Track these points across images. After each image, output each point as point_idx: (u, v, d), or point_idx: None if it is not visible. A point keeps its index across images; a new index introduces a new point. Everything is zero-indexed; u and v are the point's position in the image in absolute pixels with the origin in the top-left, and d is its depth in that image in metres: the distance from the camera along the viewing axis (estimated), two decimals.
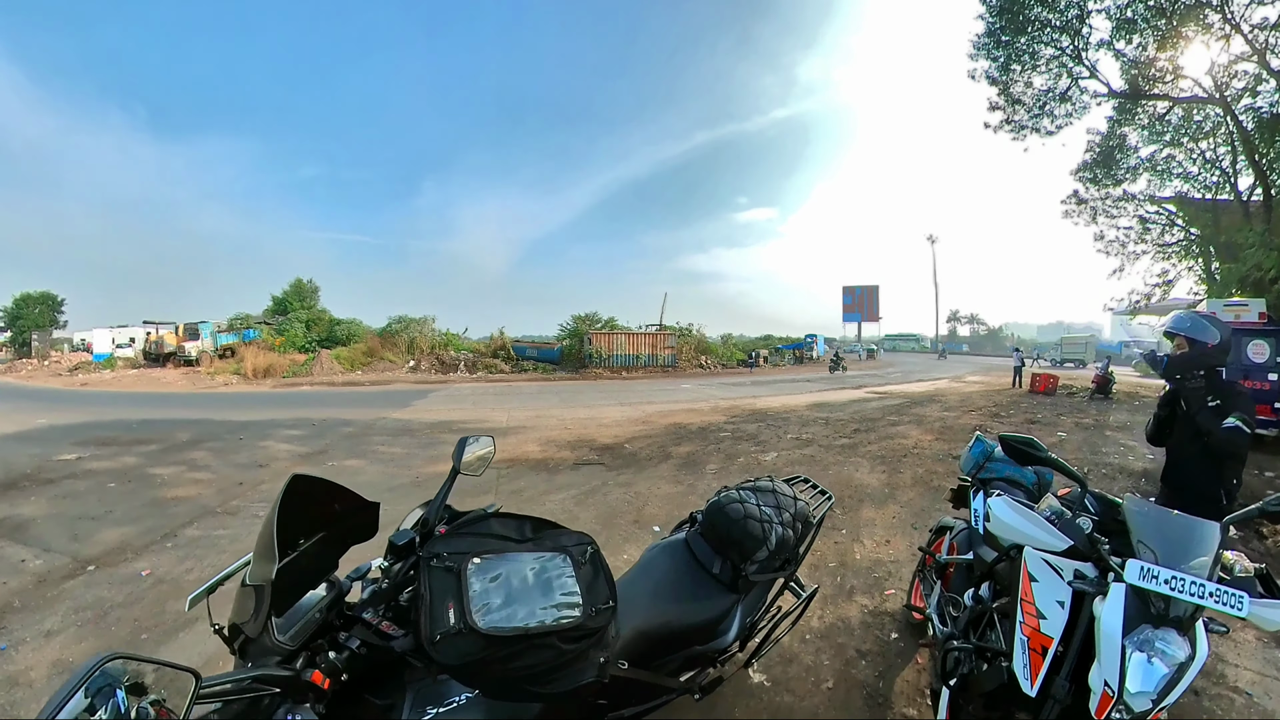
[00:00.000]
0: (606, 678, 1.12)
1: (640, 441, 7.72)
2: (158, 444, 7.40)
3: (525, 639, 0.96)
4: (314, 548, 1.18)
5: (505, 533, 1.17)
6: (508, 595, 1.01)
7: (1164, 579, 1.39)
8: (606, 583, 1.15)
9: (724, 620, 1.64)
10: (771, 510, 1.76)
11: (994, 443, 2.60)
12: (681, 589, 1.64)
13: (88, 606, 3.02)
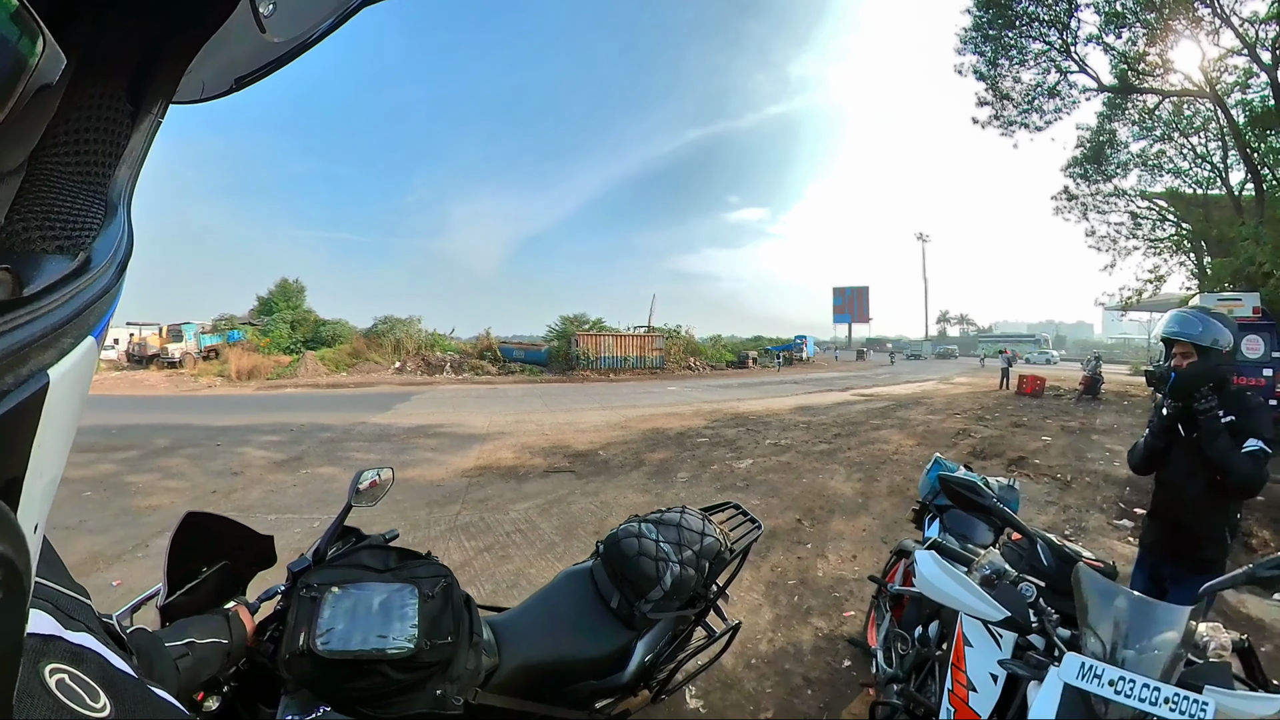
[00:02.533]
0: (454, 709, 1.18)
1: (615, 448, 7.84)
2: (136, 450, 7.42)
3: (355, 665, 1.06)
4: (216, 575, 1.27)
5: (371, 563, 1.26)
6: (349, 622, 1.10)
7: (1108, 679, 1.16)
8: (454, 617, 1.22)
9: (620, 657, 1.63)
10: (670, 547, 1.70)
11: (953, 465, 2.51)
12: (579, 621, 1.65)
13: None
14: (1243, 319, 8.50)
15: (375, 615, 1.13)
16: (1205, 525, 2.10)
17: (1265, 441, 1.89)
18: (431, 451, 7.58)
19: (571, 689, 1.58)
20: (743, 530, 2.05)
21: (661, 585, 1.63)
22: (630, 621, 1.65)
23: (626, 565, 1.67)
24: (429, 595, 1.19)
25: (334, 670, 1.06)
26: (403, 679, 1.10)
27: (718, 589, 1.92)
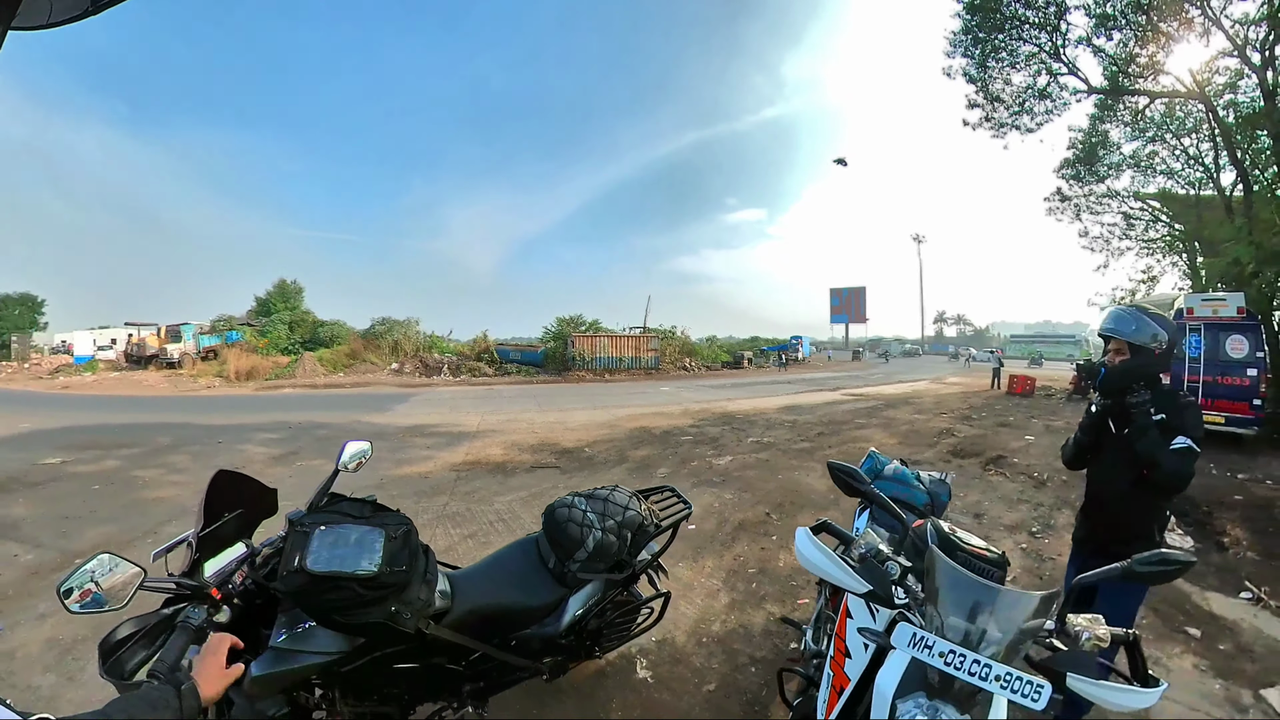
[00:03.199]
0: (405, 625, 1.52)
1: (601, 445, 8.14)
2: (139, 448, 7.73)
3: (333, 579, 1.39)
4: (235, 520, 1.66)
5: (351, 512, 1.59)
6: (331, 550, 1.44)
7: (938, 651, 1.22)
8: (410, 555, 1.54)
9: (554, 609, 1.95)
10: (595, 517, 2.00)
11: (886, 459, 2.64)
12: (522, 577, 1.97)
13: None
14: (1228, 319, 8.65)
15: (350, 547, 1.46)
16: (1133, 520, 2.10)
17: (1194, 440, 1.91)
18: (425, 449, 7.88)
19: (519, 638, 1.92)
20: (669, 511, 2.34)
21: (585, 548, 1.94)
22: (563, 580, 1.98)
23: (558, 530, 2.00)
24: (393, 537, 1.52)
25: (317, 584, 1.39)
26: (366, 594, 1.43)
27: (649, 559, 2.23)
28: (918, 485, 2.39)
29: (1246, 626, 3.23)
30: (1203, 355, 8.71)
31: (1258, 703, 2.59)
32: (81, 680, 2.62)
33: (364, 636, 1.54)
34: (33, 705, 2.32)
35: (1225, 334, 8.48)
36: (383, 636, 1.56)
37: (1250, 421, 8.13)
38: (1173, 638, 3.13)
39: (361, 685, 1.69)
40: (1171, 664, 2.88)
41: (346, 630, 1.50)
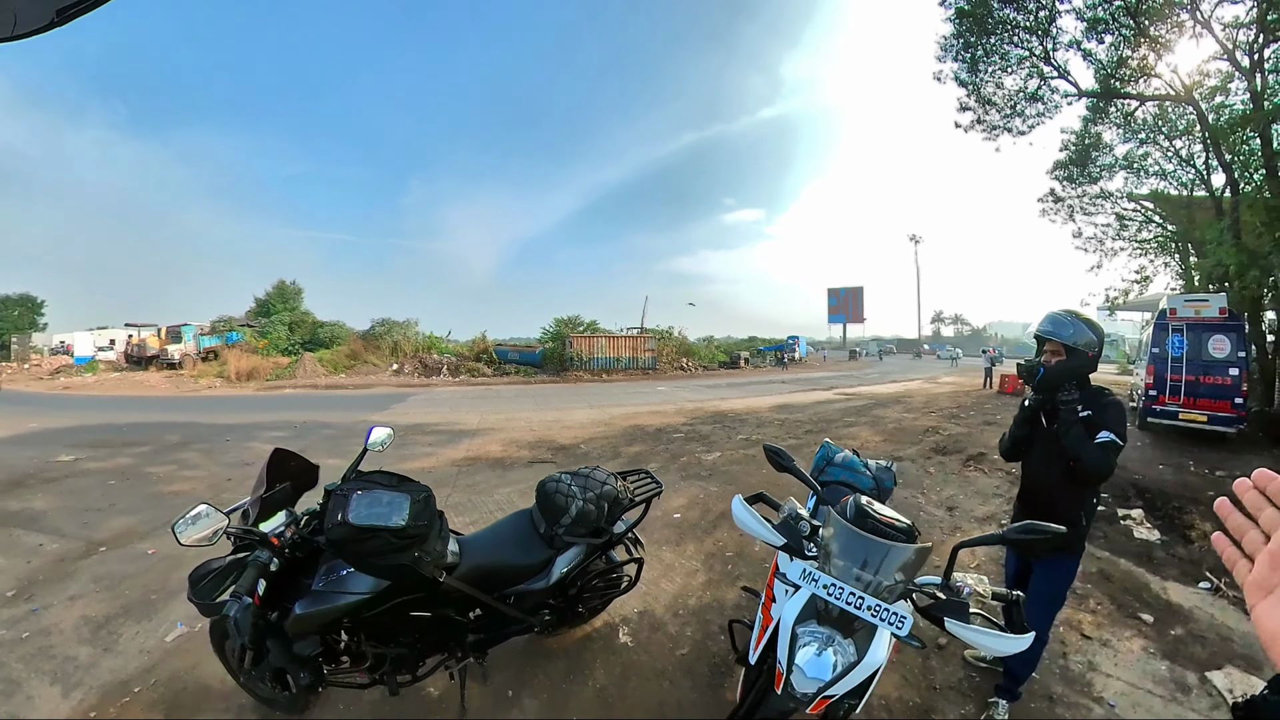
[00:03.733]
0: (425, 568, 1.84)
1: (596, 442, 8.42)
2: (149, 446, 7.99)
3: (371, 530, 1.70)
4: (283, 490, 2.04)
5: (381, 481, 1.89)
6: (368, 508, 1.74)
7: (823, 584, 1.51)
8: (429, 515, 1.86)
9: (544, 567, 2.28)
10: (578, 489, 2.35)
11: (838, 448, 2.85)
12: (516, 540, 2.33)
13: (103, 578, 3.68)
14: (1210, 319, 8.66)
15: (384, 506, 1.77)
16: (1061, 508, 2.22)
17: (1116, 435, 2.06)
18: (426, 446, 8.15)
19: (515, 593, 2.23)
20: (649, 488, 2.69)
21: (569, 514, 2.28)
22: (552, 543, 2.31)
23: (547, 500, 2.35)
24: (416, 499, 1.83)
25: (358, 534, 1.70)
26: (397, 542, 1.74)
27: (625, 529, 2.56)
28: (864, 471, 2.66)
29: (1201, 614, 3.37)
30: (1185, 355, 8.85)
31: (1202, 684, 2.71)
32: (117, 650, 2.89)
33: (390, 579, 1.84)
34: (71, 675, 2.63)
35: (1208, 334, 8.65)
36: (405, 580, 1.87)
37: (1232, 420, 8.29)
38: (1125, 622, 3.28)
39: (383, 630, 1.99)
40: (1120, 646, 3.02)
41: (377, 573, 1.80)
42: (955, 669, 2.80)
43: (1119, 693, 2.62)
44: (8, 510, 5.00)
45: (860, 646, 1.47)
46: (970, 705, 2.54)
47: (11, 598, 3.42)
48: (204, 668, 2.67)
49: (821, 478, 2.69)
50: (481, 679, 2.55)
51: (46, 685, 2.60)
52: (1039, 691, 2.63)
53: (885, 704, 2.53)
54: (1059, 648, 3.01)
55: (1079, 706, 2.53)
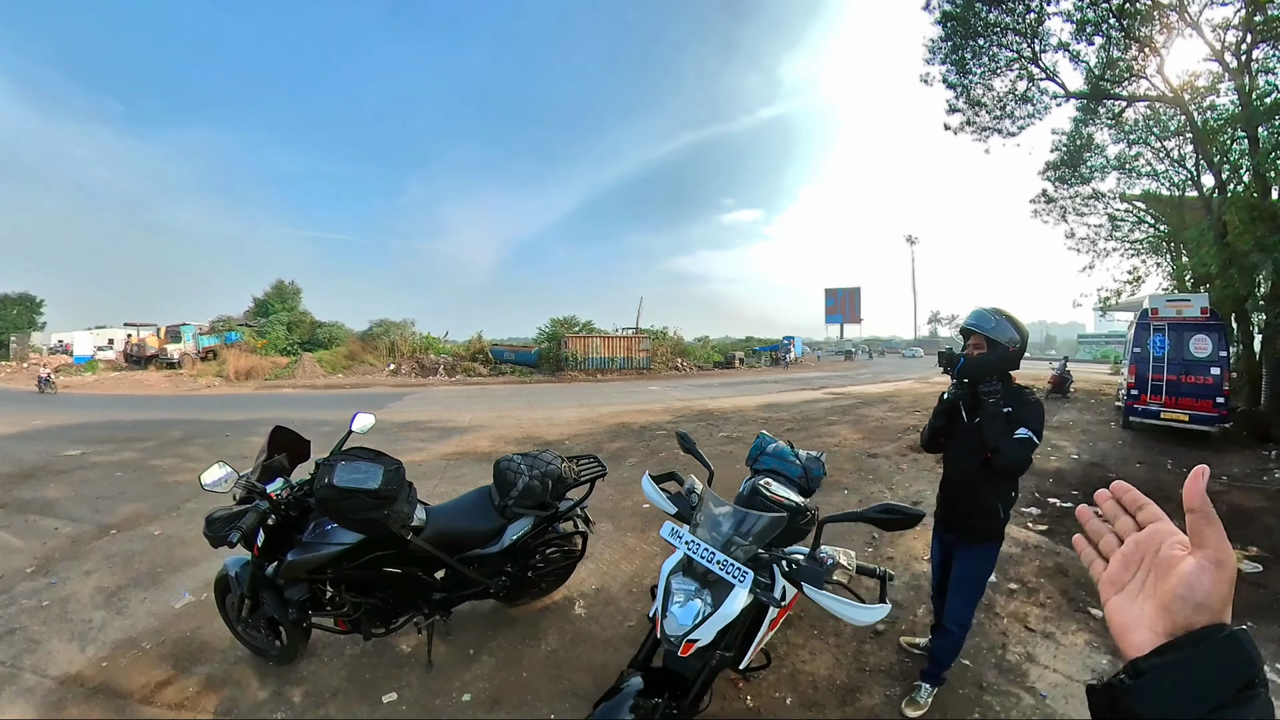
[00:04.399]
0: (395, 525, 2.19)
1: (580, 438, 8.78)
2: (153, 441, 8.33)
3: (350, 491, 2.07)
4: (281, 460, 2.44)
5: (361, 454, 2.25)
6: (349, 475, 2.10)
7: (685, 540, 1.71)
8: (399, 481, 2.21)
9: (496, 534, 2.66)
10: (526, 467, 2.72)
11: (772, 439, 3.10)
12: (474, 511, 2.72)
13: (115, 555, 4.03)
14: (1192, 319, 8.65)
15: (361, 473, 2.14)
16: (979, 499, 2.30)
17: (1034, 432, 2.12)
18: (418, 442, 8.49)
19: (473, 557, 2.59)
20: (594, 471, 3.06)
21: (516, 488, 2.66)
22: (504, 514, 2.69)
23: (499, 476, 2.73)
24: (389, 469, 2.20)
25: (339, 493, 2.06)
26: (370, 501, 2.10)
27: (571, 504, 2.93)
28: (794, 461, 2.94)
29: None
30: (1167, 355, 8.89)
31: None
32: (128, 614, 3.25)
33: (365, 533, 2.21)
34: (87, 634, 2.97)
35: (1189, 334, 8.67)
36: (378, 536, 2.23)
37: (1214, 419, 8.32)
38: (1074, 617, 3.29)
39: (360, 583, 2.38)
40: (1064, 640, 3.03)
41: (354, 527, 2.18)
42: (889, 654, 2.90)
43: (1053, 684, 2.63)
44: (22, 499, 5.35)
45: (717, 598, 1.64)
46: (898, 688, 2.61)
47: (31, 573, 3.77)
48: (206, 629, 3.03)
49: (755, 465, 2.96)
50: (446, 636, 2.89)
51: (65, 642, 2.96)
52: (970, 679, 2.68)
53: (814, 681, 2.66)
54: (999, 639, 3.04)
55: (1008, 695, 2.55)
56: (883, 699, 2.55)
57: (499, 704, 2.48)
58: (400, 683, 2.59)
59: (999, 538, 2.41)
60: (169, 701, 2.49)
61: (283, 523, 2.27)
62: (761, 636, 1.90)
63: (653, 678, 1.79)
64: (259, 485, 2.29)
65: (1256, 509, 5.27)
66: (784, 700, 2.54)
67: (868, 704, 2.53)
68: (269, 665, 2.69)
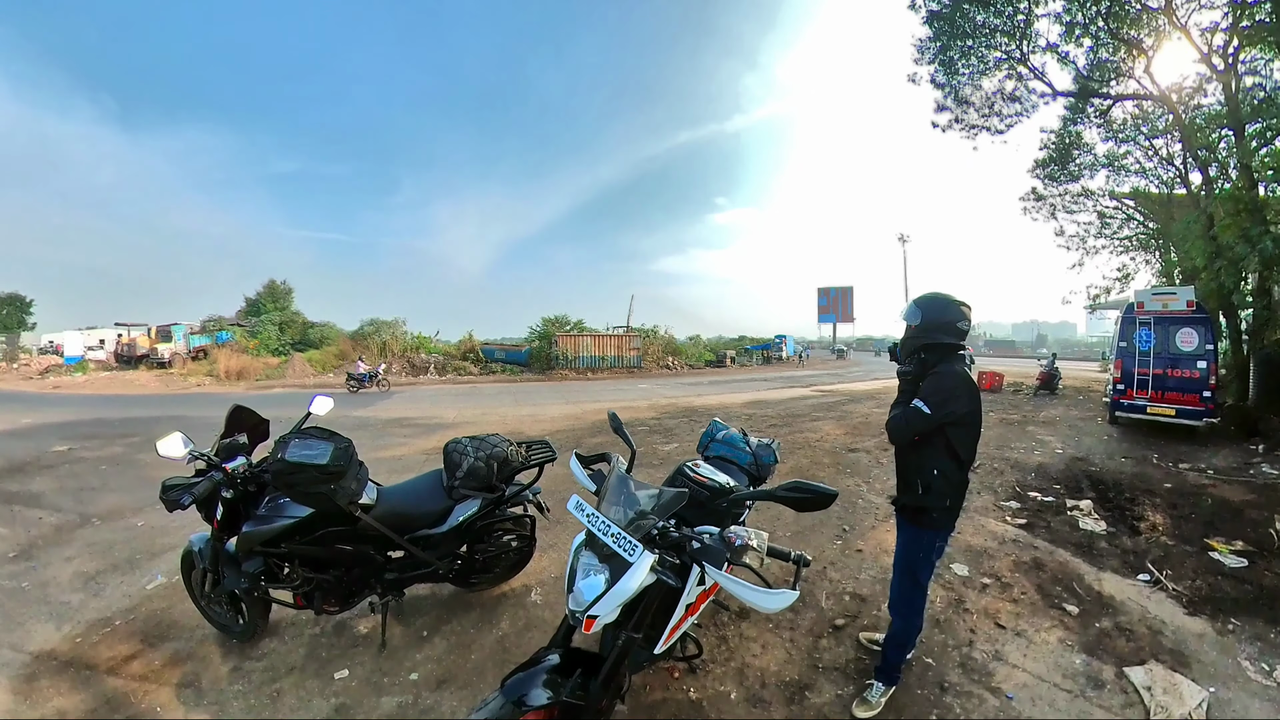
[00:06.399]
0: (345, 507, 2.32)
1: (563, 434, 8.89)
2: (140, 437, 8.43)
3: (299, 465, 2.20)
4: (238, 440, 2.61)
5: (314, 434, 2.37)
6: (300, 451, 2.23)
7: (586, 514, 1.71)
8: (348, 458, 2.33)
9: (443, 515, 2.76)
10: (472, 449, 2.81)
11: (724, 426, 3.13)
12: (424, 492, 2.81)
13: (97, 543, 4.17)
14: (1178, 313, 8.67)
15: (312, 449, 2.27)
16: (905, 470, 2.40)
17: (926, 404, 2.19)
18: (402, 437, 8.62)
19: (421, 537, 2.72)
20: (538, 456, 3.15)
21: (461, 469, 2.77)
22: (451, 495, 2.81)
23: (447, 458, 2.84)
24: (339, 447, 2.33)
25: (290, 468, 2.20)
26: (318, 476, 2.23)
27: (520, 488, 3.06)
28: (743, 448, 2.94)
29: (1134, 607, 3.28)
30: (1153, 349, 8.87)
31: (1119, 679, 2.59)
32: (104, 595, 3.39)
33: (314, 506, 2.35)
34: (66, 613, 3.11)
35: (1175, 327, 8.65)
36: (327, 512, 2.38)
37: (1201, 413, 8.26)
38: (1047, 613, 3.19)
39: (314, 560, 2.51)
40: (1035, 638, 2.92)
41: (304, 500, 2.31)
42: (847, 650, 2.82)
43: (1020, 685, 2.53)
44: (8, 491, 5.47)
45: (616, 575, 1.58)
46: (851, 686, 2.52)
47: (14, 558, 3.91)
48: (176, 609, 3.18)
49: (706, 451, 2.99)
50: (399, 616, 3.02)
51: (43, 622, 3.11)
52: (930, 679, 2.57)
53: (761, 677, 2.60)
54: (967, 636, 2.94)
55: (971, 696, 2.44)
56: (833, 698, 2.46)
57: (445, 684, 2.56)
58: (353, 661, 2.72)
59: (926, 520, 2.34)
60: (135, 674, 2.63)
61: (241, 498, 2.42)
62: (678, 620, 1.85)
63: (569, 657, 1.78)
64: (214, 458, 2.44)
65: (1243, 502, 5.25)
66: (728, 695, 2.47)
67: (816, 703, 2.43)
68: (232, 642, 2.83)
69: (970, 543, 4.23)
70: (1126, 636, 2.97)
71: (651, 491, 1.83)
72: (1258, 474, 6.40)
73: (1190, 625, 3.10)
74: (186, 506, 2.26)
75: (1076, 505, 5.10)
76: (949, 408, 2.19)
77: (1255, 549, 4.08)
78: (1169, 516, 4.83)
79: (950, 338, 2.31)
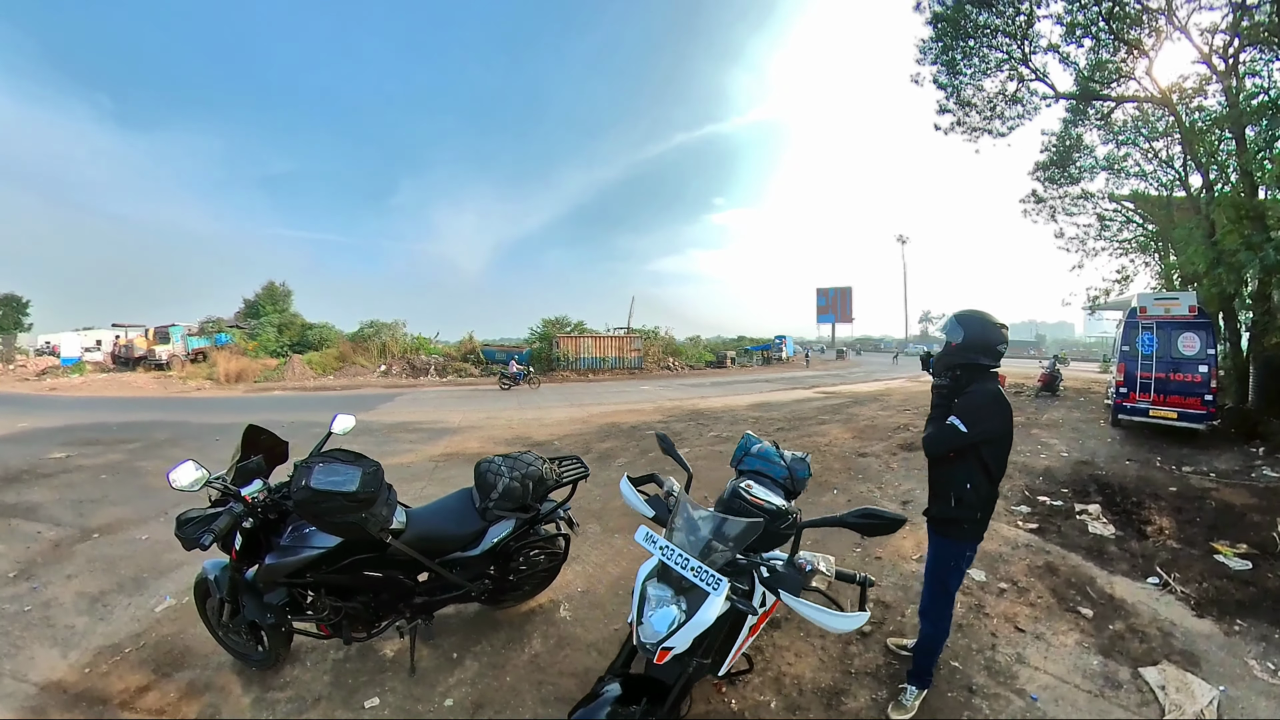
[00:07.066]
0: (372, 528, 2.19)
1: (570, 439, 8.78)
2: (140, 443, 8.27)
3: (327, 494, 2.06)
4: (257, 462, 2.43)
5: (340, 456, 2.24)
6: (327, 477, 2.10)
7: (659, 545, 1.70)
8: (378, 484, 2.21)
9: (476, 537, 2.64)
10: (506, 469, 2.72)
11: (757, 440, 3.11)
12: (456, 514, 2.69)
13: (98, 559, 4.02)
14: (1180, 317, 8.79)
15: (339, 475, 2.13)
16: (935, 487, 2.44)
17: (959, 420, 2.24)
18: (408, 443, 8.48)
19: (453, 560, 2.60)
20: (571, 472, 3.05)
21: (496, 490, 2.65)
22: (484, 516, 2.68)
23: (480, 479, 2.72)
24: (367, 472, 2.19)
25: (316, 496, 2.06)
26: (348, 504, 2.10)
27: (553, 506, 2.93)
28: (778, 461, 2.95)
29: (1145, 609, 3.35)
30: (1155, 353, 8.97)
31: (1134, 679, 2.69)
32: (111, 619, 3.24)
33: (343, 536, 2.21)
34: (69, 639, 2.97)
35: (1177, 332, 8.78)
36: (357, 540, 2.24)
37: (1202, 416, 8.37)
38: (1064, 616, 3.27)
39: (341, 588, 2.37)
40: (1054, 640, 3.01)
41: (333, 530, 2.17)
42: (876, 655, 2.87)
43: (1043, 686, 2.62)
44: (5, 503, 5.30)
45: (693, 605, 1.60)
46: (884, 690, 2.59)
47: (14, 578, 3.75)
48: (188, 633, 3.03)
49: (740, 466, 2.96)
50: (429, 640, 2.89)
51: (47, 647, 2.95)
52: (959, 681, 2.65)
53: (798, 684, 2.64)
54: (989, 639, 3.02)
55: (998, 698, 2.52)
56: (868, 702, 2.52)
57: (482, 708, 2.48)
58: (383, 688, 2.61)
59: (956, 532, 2.39)
60: (150, 708, 2.49)
61: (261, 526, 2.27)
62: (742, 642, 1.88)
63: (630, 684, 1.77)
64: (233, 488, 2.27)
65: (1245, 506, 5.28)
66: (768, 704, 2.51)
67: (853, 707, 2.49)
68: (252, 670, 2.69)
69: (986, 548, 4.21)
70: (1139, 638, 3.06)
71: (722, 519, 1.79)
72: (1259, 477, 6.48)
73: (1199, 627, 3.20)
74: (208, 547, 2.11)
75: (1085, 509, 5.13)
76: (983, 426, 2.26)
77: (1258, 552, 4.16)
78: (1174, 520, 4.89)
79: (988, 359, 2.36)
